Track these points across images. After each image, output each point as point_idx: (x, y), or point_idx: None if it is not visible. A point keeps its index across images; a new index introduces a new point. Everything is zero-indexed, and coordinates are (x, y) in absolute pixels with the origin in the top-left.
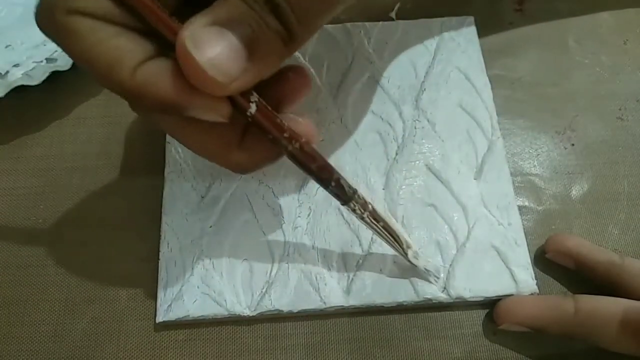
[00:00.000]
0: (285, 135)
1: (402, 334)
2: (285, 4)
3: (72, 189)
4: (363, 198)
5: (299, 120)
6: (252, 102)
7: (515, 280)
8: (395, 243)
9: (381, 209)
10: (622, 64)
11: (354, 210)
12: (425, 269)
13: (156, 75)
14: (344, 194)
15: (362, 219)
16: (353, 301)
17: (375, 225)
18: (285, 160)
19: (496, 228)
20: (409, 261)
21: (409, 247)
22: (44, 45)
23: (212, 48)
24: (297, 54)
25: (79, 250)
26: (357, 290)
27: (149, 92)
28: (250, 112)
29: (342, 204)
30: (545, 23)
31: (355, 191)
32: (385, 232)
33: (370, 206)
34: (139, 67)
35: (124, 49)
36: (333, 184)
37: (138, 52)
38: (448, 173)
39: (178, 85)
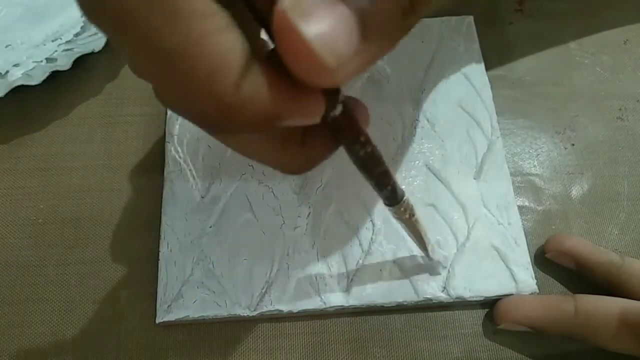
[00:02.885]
0: (362, 139)
1: (402, 334)
2: None
3: (72, 189)
4: (407, 201)
5: (362, 110)
6: (339, 103)
7: (515, 280)
8: (423, 243)
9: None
10: (622, 64)
11: (398, 212)
12: (437, 261)
13: (260, 81)
14: (395, 197)
15: (403, 220)
16: (353, 301)
17: (413, 227)
18: None
19: (496, 228)
20: (428, 256)
21: (429, 244)
22: (44, 45)
23: (321, 20)
24: None
25: (79, 250)
26: (357, 290)
27: (250, 108)
28: (335, 113)
29: (388, 206)
30: (545, 23)
31: (404, 194)
32: (418, 234)
33: (413, 210)
34: (245, 75)
35: (230, 49)
36: (390, 188)
37: (241, 53)
38: (448, 173)
39: (279, 92)
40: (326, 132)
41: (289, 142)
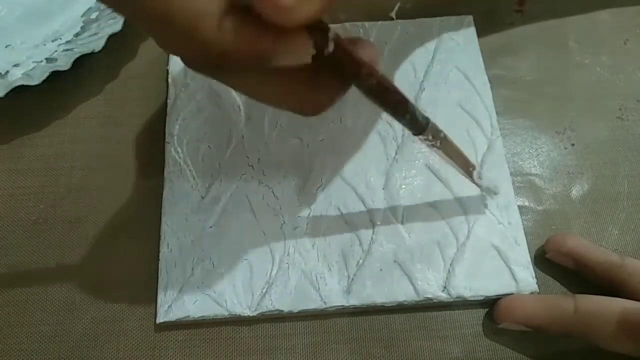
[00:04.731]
0: (364, 72)
1: (402, 334)
2: None
3: (72, 189)
4: (435, 126)
5: (365, 45)
6: (331, 40)
7: (515, 279)
8: (464, 166)
9: (449, 136)
10: (622, 64)
11: (426, 140)
12: (488, 188)
13: (240, 25)
14: (418, 125)
15: (433, 146)
16: (353, 301)
17: (447, 152)
18: (285, 160)
19: (496, 227)
20: (474, 182)
21: (474, 168)
22: (44, 45)
23: None
24: None
25: (79, 250)
26: (357, 290)
27: (234, 45)
28: (328, 51)
29: (414, 134)
30: (545, 23)
31: (428, 121)
32: (455, 157)
33: (442, 134)
34: (225, 17)
35: (207, 1)
36: (408, 116)
37: (218, 3)
38: (448, 172)
39: (258, 32)
40: (332, 71)
41: (298, 83)
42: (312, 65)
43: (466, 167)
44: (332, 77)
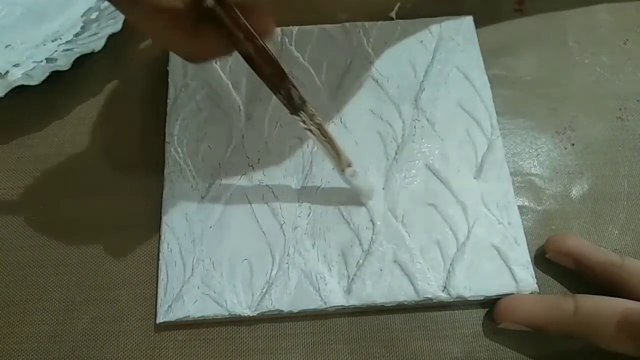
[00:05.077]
0: (241, 35)
1: (402, 334)
2: None
3: (72, 189)
4: (312, 110)
5: (261, 14)
6: None
7: (515, 279)
8: (337, 158)
9: (325, 125)
10: (622, 64)
11: (303, 122)
12: (359, 187)
13: None
14: (293, 103)
15: (310, 130)
16: (353, 301)
17: (321, 138)
18: (285, 160)
19: (496, 227)
20: (345, 179)
21: (349, 165)
22: (44, 45)
23: None
24: (296, 53)
25: (79, 250)
26: (357, 290)
27: None
28: (207, 4)
29: (291, 114)
30: (545, 23)
31: (304, 102)
32: (329, 147)
33: (317, 119)
34: None
35: None
36: (282, 92)
37: None
38: (448, 172)
39: None
40: (214, 26)
41: (180, 27)
42: (194, 14)
43: (338, 161)
44: (213, 31)
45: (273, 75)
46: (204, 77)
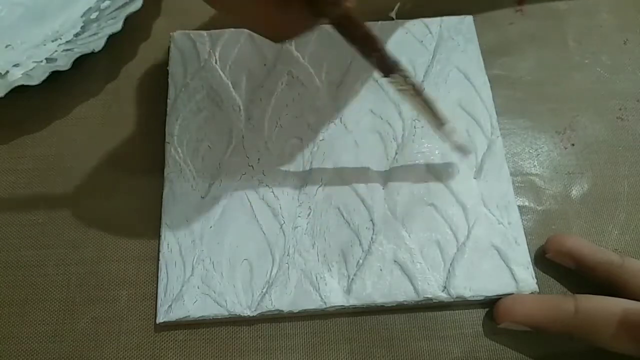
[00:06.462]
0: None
1: (402, 334)
2: None
3: (72, 189)
4: (405, 71)
5: None
6: None
7: (515, 279)
8: (434, 117)
9: (420, 85)
10: (622, 64)
11: (395, 83)
12: (460, 145)
13: None
14: (387, 65)
15: (402, 91)
16: (353, 301)
17: (417, 98)
18: (285, 160)
19: (496, 227)
20: (444, 136)
21: (445, 122)
22: (44, 45)
23: None
24: (296, 53)
25: (79, 250)
26: (357, 290)
27: None
28: None
29: (383, 76)
30: (545, 23)
31: (397, 63)
32: (425, 106)
33: (410, 80)
34: None
35: None
36: (377, 54)
37: None
38: (448, 172)
39: None
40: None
41: (269, 3)
42: None
43: (437, 120)
44: (302, 3)
45: (365, 38)
46: (204, 77)
